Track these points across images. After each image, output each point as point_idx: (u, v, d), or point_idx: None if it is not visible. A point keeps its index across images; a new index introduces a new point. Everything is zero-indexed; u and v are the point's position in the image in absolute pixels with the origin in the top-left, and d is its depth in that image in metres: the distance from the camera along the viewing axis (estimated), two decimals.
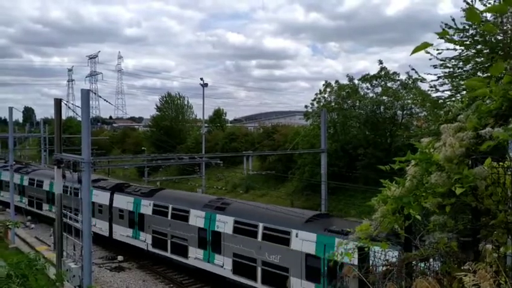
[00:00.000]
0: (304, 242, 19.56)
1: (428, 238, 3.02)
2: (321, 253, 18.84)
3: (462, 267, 2.56)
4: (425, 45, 2.37)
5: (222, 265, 23.05)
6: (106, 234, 31.05)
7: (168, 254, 26.39)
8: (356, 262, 3.25)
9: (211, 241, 23.75)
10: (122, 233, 29.93)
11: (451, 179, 2.60)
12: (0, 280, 6.23)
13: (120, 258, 29.20)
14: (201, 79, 46.91)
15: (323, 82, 41.03)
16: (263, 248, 21.19)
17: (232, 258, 22.60)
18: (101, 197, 31.42)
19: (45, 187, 39.31)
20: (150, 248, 27.73)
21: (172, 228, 25.99)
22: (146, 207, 28.01)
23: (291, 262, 19.93)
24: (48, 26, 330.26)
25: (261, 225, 21.44)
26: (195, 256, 24.66)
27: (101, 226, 31.25)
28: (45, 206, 39.21)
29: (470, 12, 2.28)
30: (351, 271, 3.10)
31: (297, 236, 19.90)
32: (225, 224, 23.03)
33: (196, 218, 24.60)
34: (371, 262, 3.29)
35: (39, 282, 6.81)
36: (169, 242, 26.24)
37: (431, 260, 2.97)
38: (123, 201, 30.00)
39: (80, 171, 19.94)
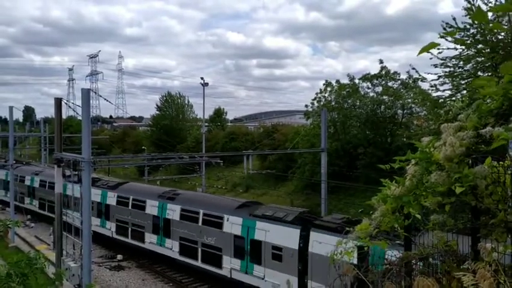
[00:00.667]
0: (233, 225, 22.38)
1: (428, 237, 3.01)
2: (245, 234, 21.86)
3: (461, 267, 2.56)
4: (432, 45, 2.36)
5: (171, 248, 25.92)
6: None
7: (129, 240, 29.09)
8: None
9: (163, 227, 26.55)
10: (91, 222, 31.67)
11: (451, 178, 2.60)
12: (0, 279, 6.23)
13: (119, 257, 29.20)
14: (202, 78, 46.75)
15: (323, 81, 41.03)
16: (203, 231, 23.95)
17: (179, 242, 25.36)
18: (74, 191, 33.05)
19: (27, 182, 42.07)
20: (114, 235, 30.29)
21: (132, 217, 28.85)
22: (111, 198, 30.75)
23: (223, 243, 22.79)
24: (49, 26, 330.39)
25: (201, 211, 24.18)
26: (150, 241, 27.46)
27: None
28: (27, 200, 41.93)
29: (478, 12, 2.28)
30: (351, 270, 3.09)
31: (228, 220, 22.73)
32: (173, 211, 25.90)
33: (151, 207, 27.51)
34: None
35: (39, 281, 6.80)
36: (129, 229, 29.02)
37: (430, 259, 2.97)
38: (92, 194, 31.15)
39: (80, 170, 19.94)
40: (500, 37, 15.77)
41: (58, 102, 22.42)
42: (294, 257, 19.52)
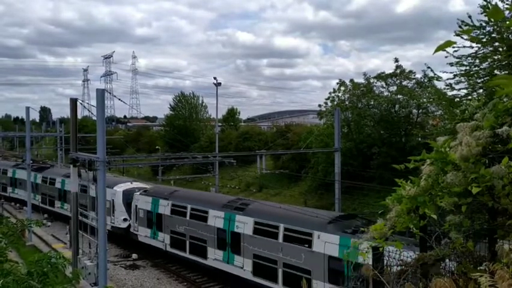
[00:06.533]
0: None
1: (444, 238, 2.98)
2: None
3: (478, 268, 2.53)
4: (448, 44, 2.33)
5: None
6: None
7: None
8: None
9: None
10: (57, 205, 39.13)
11: (467, 178, 2.57)
12: (21, 277, 6.33)
13: (135, 256, 29.45)
14: (215, 78, 46.89)
15: (335, 81, 40.96)
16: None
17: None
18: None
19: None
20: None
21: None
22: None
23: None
24: (61, 27, 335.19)
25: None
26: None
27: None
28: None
29: (494, 9, 2.25)
30: (369, 270, 3.07)
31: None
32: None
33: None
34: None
35: (57, 280, 6.89)
36: None
37: (447, 260, 2.94)
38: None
39: (95, 170, 20.12)
40: None
41: (74, 102, 22.67)
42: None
